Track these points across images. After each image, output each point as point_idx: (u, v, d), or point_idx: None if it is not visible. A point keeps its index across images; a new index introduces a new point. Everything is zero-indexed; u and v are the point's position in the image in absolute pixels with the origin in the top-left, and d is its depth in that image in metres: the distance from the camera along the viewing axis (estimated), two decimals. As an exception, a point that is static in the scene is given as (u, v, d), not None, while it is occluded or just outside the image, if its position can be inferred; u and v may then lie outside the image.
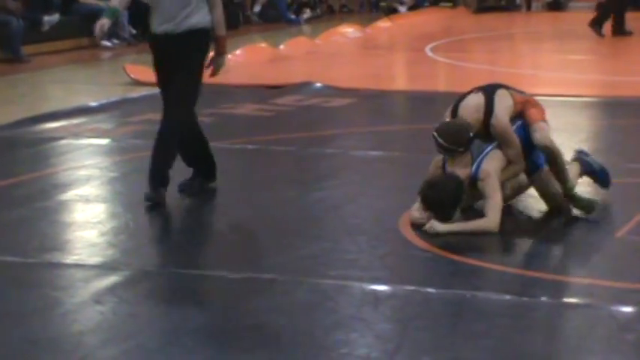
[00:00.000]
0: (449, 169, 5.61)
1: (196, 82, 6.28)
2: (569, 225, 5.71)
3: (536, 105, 5.82)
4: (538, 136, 5.63)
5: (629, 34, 15.71)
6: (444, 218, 5.45)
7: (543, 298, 4.51)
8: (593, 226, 5.69)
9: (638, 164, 7.04)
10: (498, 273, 4.88)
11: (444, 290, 4.59)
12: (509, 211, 5.81)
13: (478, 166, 5.55)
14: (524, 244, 5.49)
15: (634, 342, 3.98)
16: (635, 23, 16.18)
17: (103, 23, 6.22)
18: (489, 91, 5.71)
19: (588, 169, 6.06)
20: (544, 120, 5.73)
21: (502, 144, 5.58)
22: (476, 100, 5.68)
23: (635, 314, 4.27)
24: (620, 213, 5.83)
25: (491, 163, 5.55)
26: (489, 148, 5.62)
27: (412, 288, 4.63)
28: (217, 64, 6.45)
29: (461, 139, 5.50)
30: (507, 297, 4.50)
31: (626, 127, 8.68)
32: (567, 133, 8.31)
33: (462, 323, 4.26)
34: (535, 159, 5.70)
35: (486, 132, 5.62)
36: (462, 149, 5.52)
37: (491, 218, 5.43)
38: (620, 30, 15.73)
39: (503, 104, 5.65)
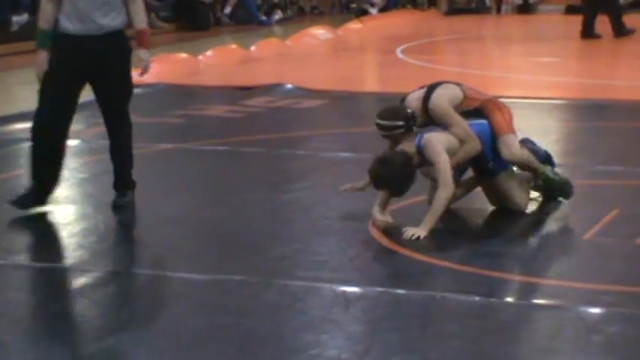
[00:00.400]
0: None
1: (130, 86, 6.09)
2: (537, 226, 5.74)
3: (500, 108, 5.85)
4: (506, 153, 5.73)
5: (598, 37, 15.81)
6: (396, 194, 5.57)
7: (512, 300, 4.53)
8: (562, 228, 5.73)
9: (607, 166, 7.09)
10: (468, 274, 4.90)
11: (414, 291, 4.61)
12: (479, 213, 5.84)
13: (421, 137, 5.65)
14: (493, 246, 5.51)
15: (601, 343, 4.01)
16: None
17: (42, 61, 5.81)
18: (434, 85, 5.83)
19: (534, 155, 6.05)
20: (512, 131, 5.76)
21: (447, 127, 5.66)
22: (418, 93, 5.83)
23: (603, 316, 4.30)
24: (589, 215, 5.86)
25: (434, 134, 5.66)
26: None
27: (382, 289, 4.64)
28: (143, 62, 6.14)
29: (398, 114, 5.65)
30: (477, 298, 4.52)
31: (595, 129, 8.74)
32: (537, 136, 8.32)
33: (432, 324, 4.27)
34: (500, 161, 5.77)
35: (431, 121, 5.75)
36: (401, 124, 5.61)
37: (443, 184, 5.49)
38: (588, 33, 15.83)
39: (444, 92, 5.76)
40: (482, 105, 5.81)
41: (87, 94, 6.30)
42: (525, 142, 6.15)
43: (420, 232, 5.40)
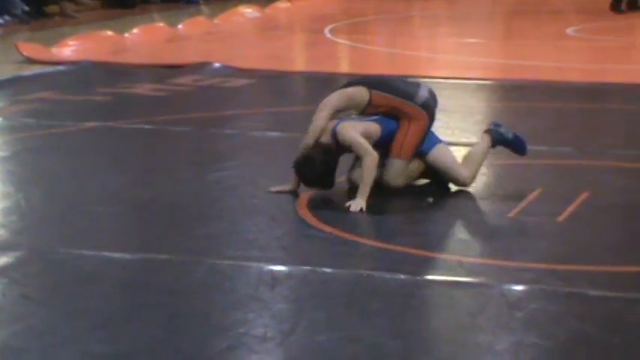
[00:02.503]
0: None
1: None
2: (463, 205, 5.80)
3: (411, 122, 5.83)
4: (385, 178, 5.80)
5: (621, 12, 16.04)
6: (327, 188, 5.70)
7: (436, 277, 4.58)
8: (487, 207, 5.79)
9: (531, 146, 7.15)
10: (393, 253, 4.94)
11: (340, 270, 4.63)
12: (404, 192, 5.88)
13: (337, 123, 5.75)
14: (418, 225, 5.56)
15: (523, 319, 4.08)
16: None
17: None
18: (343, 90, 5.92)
19: (500, 138, 6.13)
20: (404, 157, 5.80)
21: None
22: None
23: (525, 293, 4.37)
24: (513, 194, 5.94)
25: (349, 123, 5.77)
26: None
27: (309, 268, 4.66)
28: None
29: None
30: (402, 276, 4.56)
31: (519, 109, 8.84)
32: (462, 115, 8.45)
33: (358, 302, 4.30)
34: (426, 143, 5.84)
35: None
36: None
37: (364, 154, 5.61)
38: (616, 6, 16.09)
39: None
40: (390, 111, 5.83)
41: (7, 72, 6.19)
42: (494, 124, 6.21)
43: (360, 203, 5.51)
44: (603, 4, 18.04)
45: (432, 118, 5.93)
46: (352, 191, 5.71)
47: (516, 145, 6.19)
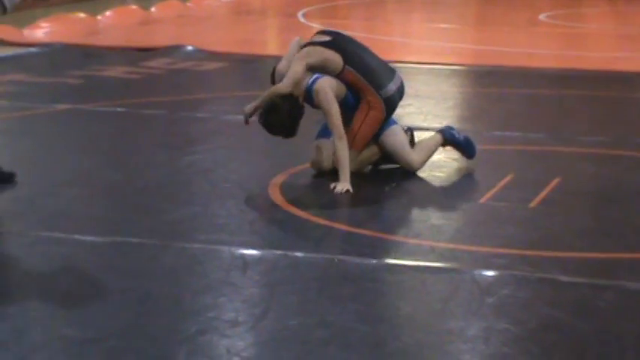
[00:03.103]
0: (281, 63, 5.89)
1: None
2: (434, 190, 5.80)
3: (369, 112, 5.84)
4: (335, 165, 5.78)
5: None
6: (290, 136, 5.78)
7: (408, 262, 4.58)
8: (458, 192, 5.80)
9: (503, 132, 7.20)
10: (365, 237, 4.93)
11: (312, 254, 4.62)
12: (375, 177, 5.88)
13: (314, 81, 5.77)
14: (389, 210, 5.56)
15: (494, 304, 4.08)
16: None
17: None
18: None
19: (451, 139, 6.15)
20: (356, 147, 5.83)
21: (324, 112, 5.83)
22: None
23: (497, 278, 4.38)
24: (485, 179, 5.95)
25: (325, 80, 5.79)
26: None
27: (280, 252, 4.64)
28: None
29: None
30: (373, 261, 4.56)
31: (492, 95, 8.86)
32: (435, 100, 8.45)
33: (329, 287, 4.29)
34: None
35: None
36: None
37: (338, 137, 5.67)
38: None
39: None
40: (354, 88, 5.85)
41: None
42: (446, 127, 6.20)
43: (345, 185, 5.56)
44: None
45: (390, 113, 5.93)
46: (320, 175, 5.72)
47: (466, 148, 6.17)
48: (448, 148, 6.19)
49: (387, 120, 5.91)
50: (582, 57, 11.10)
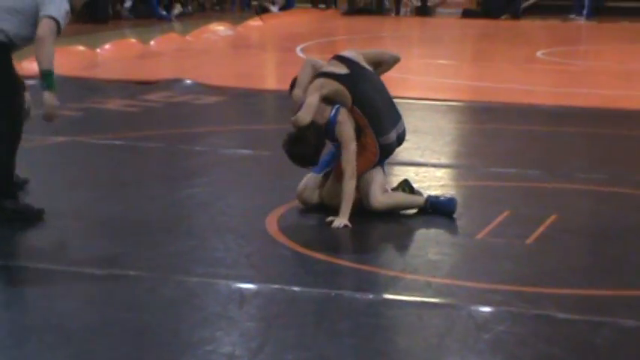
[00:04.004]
0: (295, 90, 5.83)
1: None
2: (432, 226, 5.82)
3: (363, 154, 5.79)
4: (323, 194, 5.86)
5: None
6: (309, 165, 5.79)
7: (405, 298, 4.59)
8: (455, 228, 5.82)
9: (499, 168, 7.22)
10: (362, 272, 4.95)
11: (309, 289, 4.64)
12: (372, 212, 5.89)
13: (337, 112, 5.75)
14: (386, 245, 5.58)
15: (490, 341, 4.09)
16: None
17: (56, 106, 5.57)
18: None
19: (434, 201, 5.92)
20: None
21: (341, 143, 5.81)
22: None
23: (493, 314, 4.39)
24: (481, 215, 5.97)
25: (347, 115, 5.77)
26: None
27: (277, 286, 4.66)
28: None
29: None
30: (370, 296, 4.57)
31: (489, 131, 8.90)
32: (432, 136, 8.49)
33: (326, 322, 4.30)
34: None
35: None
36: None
37: (350, 174, 5.67)
38: None
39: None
40: (355, 126, 5.82)
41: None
42: (429, 199, 5.94)
43: (343, 220, 5.57)
44: (573, 30, 18.21)
45: (384, 159, 5.91)
46: (321, 208, 5.74)
47: (446, 207, 5.90)
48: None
49: (379, 164, 5.89)
50: (579, 94, 11.15)
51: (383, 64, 6.18)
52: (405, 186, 5.99)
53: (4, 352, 3.89)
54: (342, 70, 5.88)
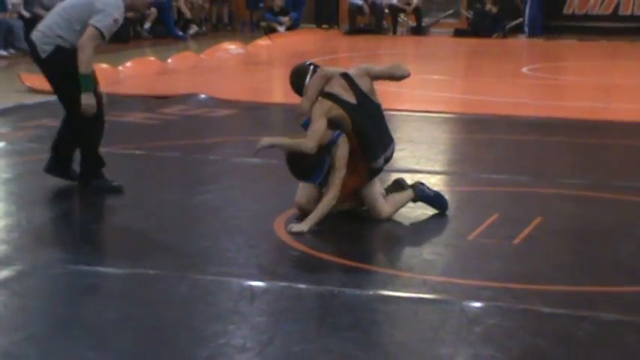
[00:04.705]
0: (303, 101, 5.83)
1: None
2: (425, 228, 5.81)
3: (352, 174, 5.70)
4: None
5: None
6: (308, 180, 5.68)
7: (402, 294, 4.58)
8: (448, 230, 5.81)
9: (489, 174, 7.21)
10: (363, 271, 4.94)
11: (314, 286, 4.63)
12: (372, 218, 5.88)
13: (339, 136, 5.67)
14: (385, 246, 5.57)
15: (481, 333, 4.08)
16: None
17: (92, 105, 6.12)
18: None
19: (422, 194, 5.96)
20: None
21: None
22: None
23: (483, 309, 4.38)
24: (472, 218, 5.95)
25: (345, 141, 5.69)
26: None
27: (285, 284, 4.65)
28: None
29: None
30: (370, 293, 4.56)
31: (479, 141, 8.89)
32: (427, 145, 8.48)
33: (330, 317, 4.29)
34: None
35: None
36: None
37: (333, 192, 5.58)
38: None
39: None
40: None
41: (11, 101, 6.18)
42: (418, 183, 6.00)
43: (302, 227, 5.46)
44: (555, 47, 18.18)
45: (371, 179, 5.79)
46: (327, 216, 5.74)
47: (437, 202, 5.96)
48: (419, 203, 5.98)
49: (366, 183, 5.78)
50: (562, 106, 11.13)
51: (393, 79, 6.10)
52: (397, 185, 5.97)
53: (36, 345, 3.89)
54: (350, 98, 5.76)
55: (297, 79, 5.96)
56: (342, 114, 5.71)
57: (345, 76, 5.89)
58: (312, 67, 5.97)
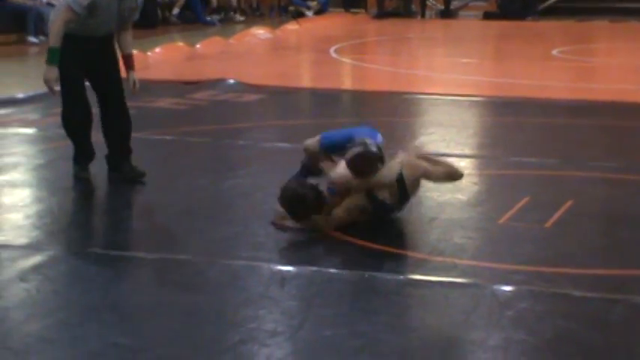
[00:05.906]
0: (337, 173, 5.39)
1: None
2: (456, 212, 5.78)
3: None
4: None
5: None
6: (298, 219, 5.30)
7: (433, 278, 4.57)
8: (479, 213, 5.78)
9: (519, 158, 7.17)
10: (393, 255, 4.92)
11: (344, 271, 4.62)
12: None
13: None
14: (415, 231, 5.54)
15: (513, 317, 4.06)
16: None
17: (51, 79, 6.35)
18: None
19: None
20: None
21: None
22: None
23: (515, 293, 4.36)
24: (503, 201, 5.92)
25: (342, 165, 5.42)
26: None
27: (315, 268, 4.64)
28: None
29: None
30: (401, 277, 4.55)
31: (509, 124, 8.84)
32: (457, 129, 8.44)
33: (360, 301, 4.29)
34: None
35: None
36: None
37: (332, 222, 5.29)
38: None
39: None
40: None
41: (41, 87, 6.24)
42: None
43: (287, 222, 5.29)
44: (586, 29, 18.01)
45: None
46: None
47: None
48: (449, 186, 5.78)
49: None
50: (592, 89, 11.05)
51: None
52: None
53: (68, 330, 3.91)
54: (389, 200, 5.35)
55: (370, 166, 5.34)
56: (364, 202, 5.35)
57: (400, 183, 5.39)
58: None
